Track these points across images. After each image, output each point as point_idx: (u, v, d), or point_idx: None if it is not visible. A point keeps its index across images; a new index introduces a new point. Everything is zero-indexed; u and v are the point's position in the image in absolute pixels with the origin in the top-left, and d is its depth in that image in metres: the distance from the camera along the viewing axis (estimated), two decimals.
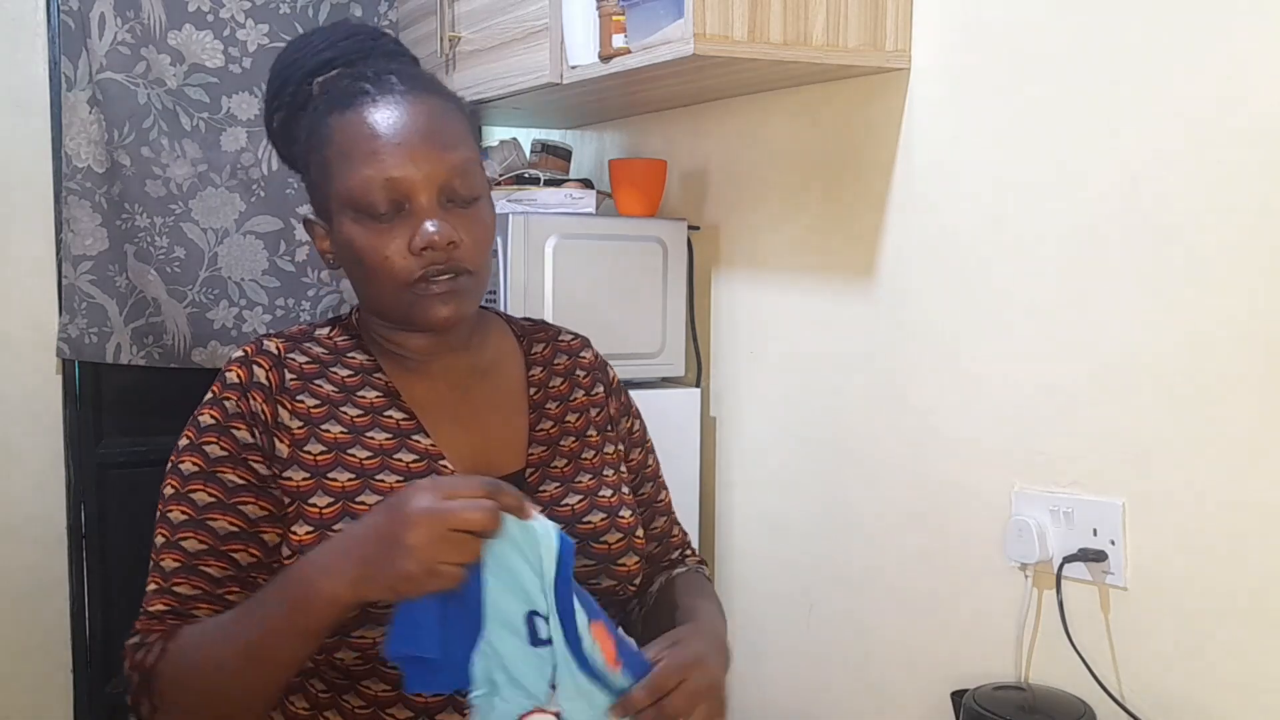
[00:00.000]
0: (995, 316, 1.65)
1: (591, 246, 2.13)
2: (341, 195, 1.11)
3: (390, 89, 1.12)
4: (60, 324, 2.50)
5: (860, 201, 1.88)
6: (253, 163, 2.60)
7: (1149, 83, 1.43)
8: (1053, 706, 1.47)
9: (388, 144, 1.09)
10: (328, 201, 1.14)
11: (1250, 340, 1.33)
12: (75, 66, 2.46)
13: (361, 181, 1.09)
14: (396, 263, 1.10)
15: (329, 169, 1.13)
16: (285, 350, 1.17)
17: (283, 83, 1.21)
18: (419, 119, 1.11)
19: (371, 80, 1.13)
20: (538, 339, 1.31)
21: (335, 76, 1.18)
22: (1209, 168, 1.37)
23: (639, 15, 1.77)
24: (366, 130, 1.10)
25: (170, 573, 1.10)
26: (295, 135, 1.20)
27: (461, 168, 1.11)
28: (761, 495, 2.17)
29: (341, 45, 1.21)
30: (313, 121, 1.16)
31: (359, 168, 1.10)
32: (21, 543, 2.56)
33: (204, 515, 1.10)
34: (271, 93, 1.23)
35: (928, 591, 1.79)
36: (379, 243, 1.10)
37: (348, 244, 1.12)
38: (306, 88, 1.19)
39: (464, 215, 1.12)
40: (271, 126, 1.24)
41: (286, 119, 1.21)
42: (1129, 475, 1.47)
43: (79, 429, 2.62)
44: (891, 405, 1.84)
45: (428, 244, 1.09)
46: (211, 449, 1.11)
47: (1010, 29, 1.61)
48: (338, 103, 1.13)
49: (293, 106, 1.20)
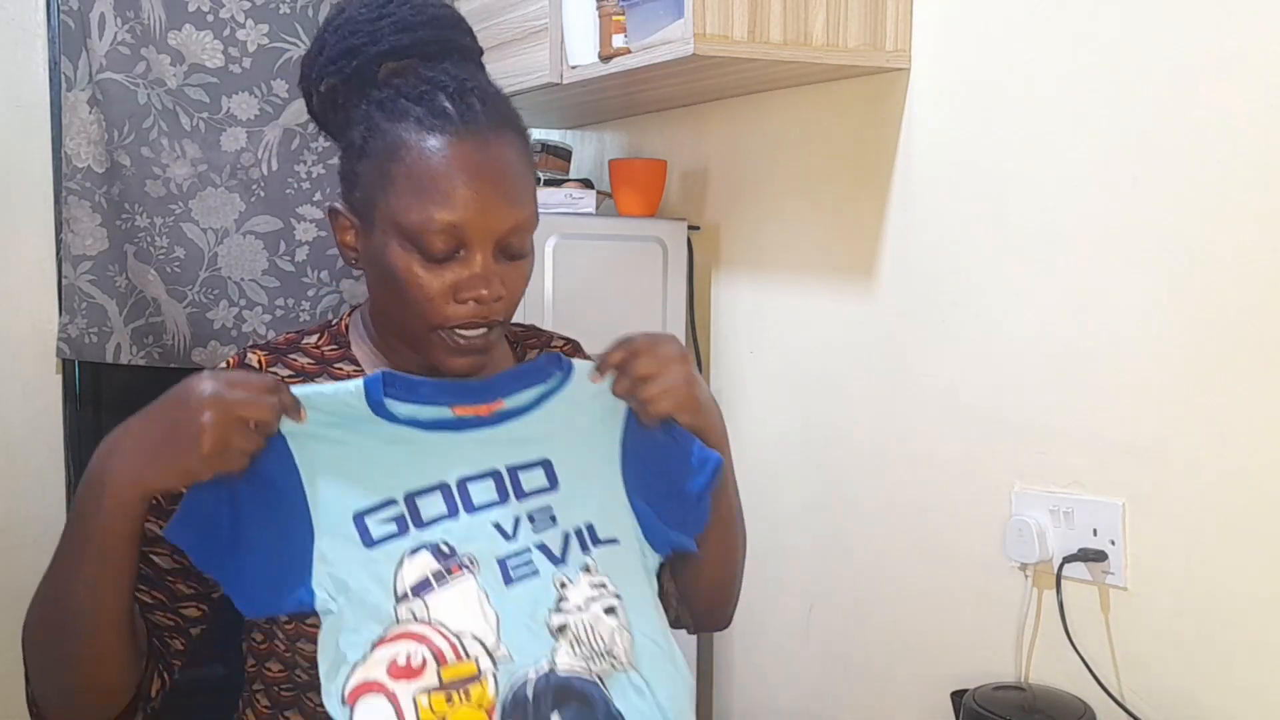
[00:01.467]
0: (995, 316, 1.65)
1: (591, 246, 2.13)
2: (396, 218, 1.05)
3: (475, 122, 1.05)
4: (60, 324, 2.50)
5: (860, 201, 1.88)
6: (253, 163, 2.60)
7: (1149, 82, 1.43)
8: (1053, 706, 1.47)
9: (462, 189, 1.04)
10: (373, 209, 1.08)
11: (1250, 340, 1.33)
12: (75, 66, 2.45)
13: (425, 219, 1.04)
14: (439, 305, 1.06)
15: (388, 183, 1.06)
16: (268, 364, 1.15)
17: (347, 50, 1.12)
18: (495, 165, 1.06)
19: (454, 99, 1.06)
20: (530, 344, 1.30)
21: (408, 70, 1.10)
22: (1210, 167, 1.37)
23: (639, 15, 1.77)
24: (441, 164, 1.04)
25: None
26: (349, 114, 1.12)
27: (524, 224, 1.08)
28: (761, 495, 2.17)
29: (422, 32, 1.12)
30: (379, 117, 1.08)
31: (425, 203, 1.04)
32: (21, 543, 2.56)
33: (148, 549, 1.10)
34: (330, 55, 1.13)
35: (928, 591, 1.79)
36: (425, 280, 1.05)
37: (388, 265, 1.07)
38: (373, 67, 1.11)
39: (510, 268, 1.08)
40: (317, 87, 1.15)
41: (341, 90, 1.13)
42: (1129, 475, 1.47)
43: (79, 429, 2.62)
44: (891, 405, 1.84)
45: (475, 298, 1.05)
46: None
47: (1010, 29, 1.61)
48: (414, 114, 1.06)
49: (353, 81, 1.12)
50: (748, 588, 1.83)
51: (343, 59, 1.12)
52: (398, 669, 0.98)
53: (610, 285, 2.13)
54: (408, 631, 0.99)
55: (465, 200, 1.04)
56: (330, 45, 1.13)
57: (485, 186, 1.04)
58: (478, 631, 1.00)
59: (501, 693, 0.99)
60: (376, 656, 0.98)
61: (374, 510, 1.03)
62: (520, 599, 1.03)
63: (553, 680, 1.01)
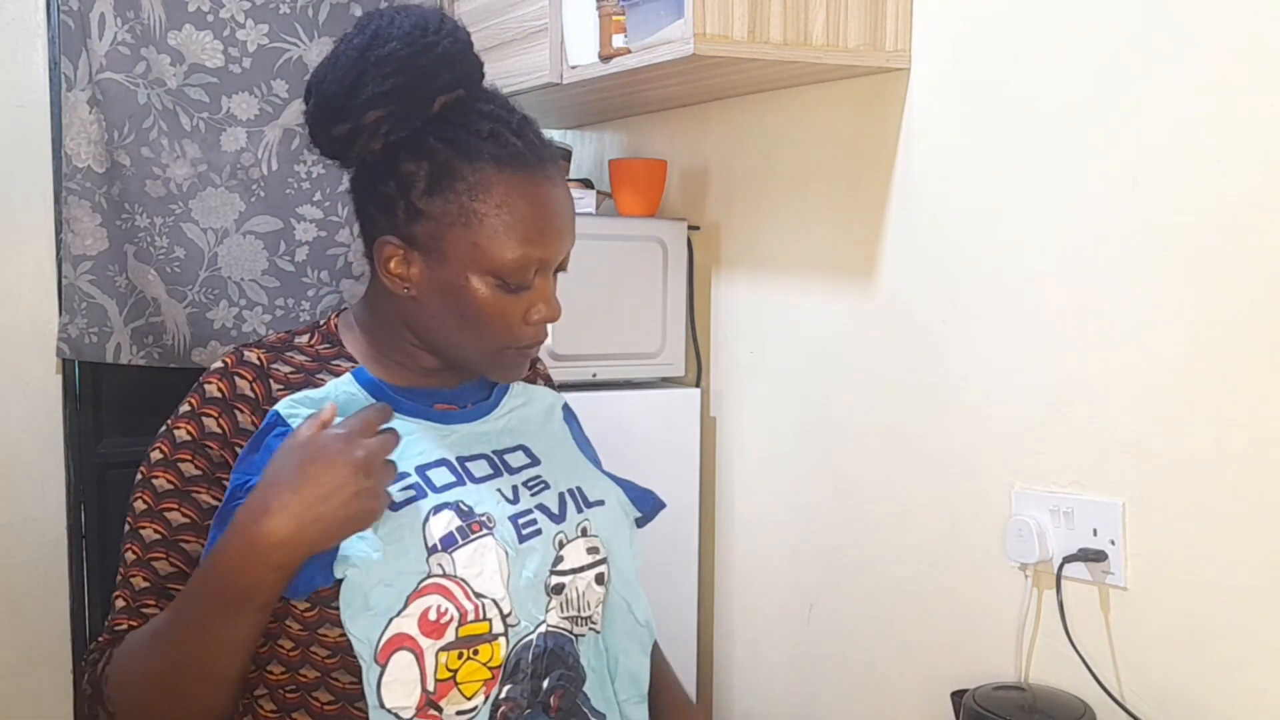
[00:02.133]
0: (995, 316, 1.65)
1: (591, 246, 2.13)
2: (486, 254, 1.11)
3: (546, 159, 1.15)
4: (60, 324, 2.50)
5: (860, 201, 1.88)
6: (253, 163, 2.60)
7: (1148, 82, 1.43)
8: (1053, 706, 1.47)
9: (548, 226, 1.14)
10: (444, 243, 1.11)
11: (1250, 340, 1.33)
12: (75, 66, 2.45)
13: (520, 256, 1.12)
14: (517, 330, 1.15)
15: (473, 220, 1.10)
16: (269, 361, 1.16)
17: (399, 87, 1.09)
18: (565, 199, 1.17)
19: (519, 135, 1.13)
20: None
21: (462, 104, 1.12)
22: (1209, 167, 1.37)
23: (639, 15, 1.77)
24: (531, 206, 1.12)
25: (139, 592, 1.10)
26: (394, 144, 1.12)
27: (570, 249, 1.20)
28: (761, 495, 2.17)
29: (465, 65, 1.14)
30: (445, 154, 1.10)
31: (518, 242, 1.12)
32: (21, 543, 2.56)
33: (176, 536, 1.10)
34: (378, 91, 1.09)
35: (928, 591, 1.79)
36: (507, 309, 1.14)
37: (465, 298, 1.13)
38: (429, 104, 1.11)
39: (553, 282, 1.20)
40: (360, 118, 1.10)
41: (385, 119, 1.11)
42: (1129, 475, 1.47)
43: (79, 429, 2.62)
44: (891, 405, 1.84)
45: (547, 319, 1.17)
46: (185, 467, 1.11)
47: (1010, 29, 1.61)
48: (488, 153, 1.10)
49: (404, 115, 1.11)
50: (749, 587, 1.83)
51: (394, 94, 1.10)
52: (428, 623, 1.04)
53: (610, 285, 2.13)
54: (439, 585, 1.05)
55: (551, 237, 1.14)
56: (375, 80, 1.09)
57: (562, 221, 1.16)
58: (496, 595, 1.06)
59: (506, 654, 1.07)
60: (410, 610, 1.04)
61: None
62: (529, 556, 1.11)
63: (547, 643, 1.11)
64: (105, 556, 2.66)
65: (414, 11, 1.13)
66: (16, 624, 2.58)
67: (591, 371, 2.10)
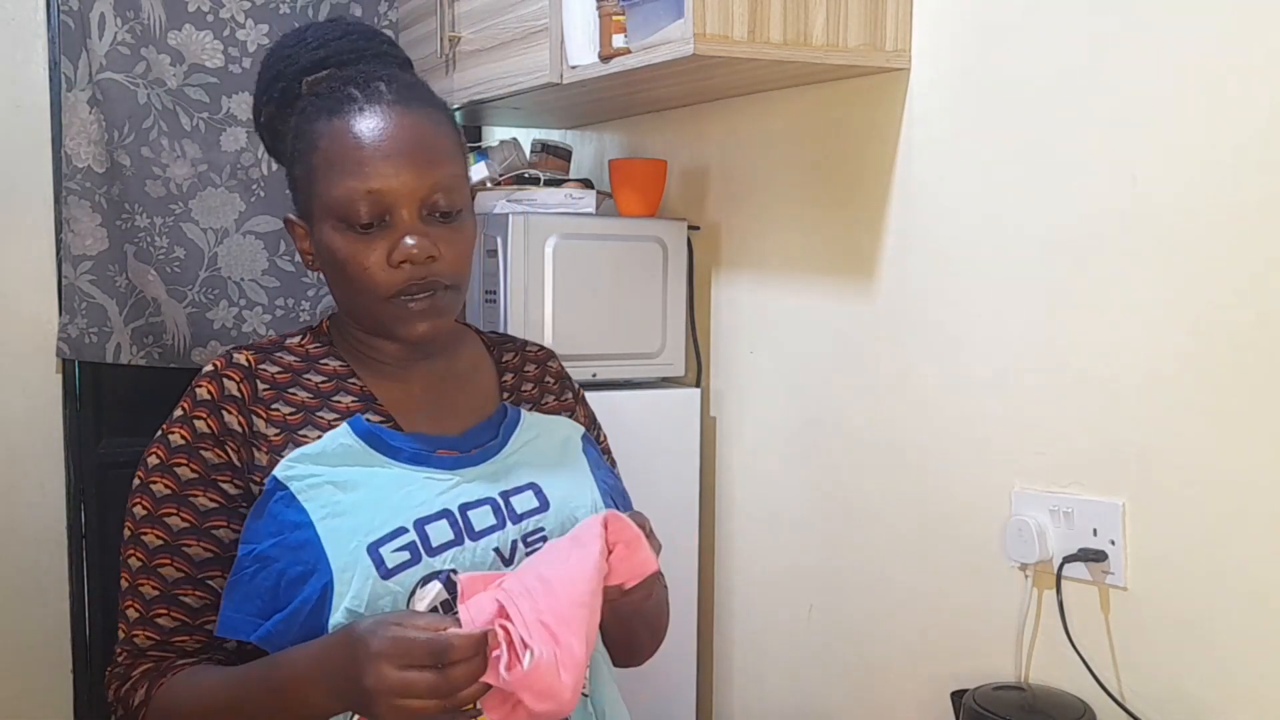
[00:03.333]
0: (995, 316, 1.65)
1: (591, 246, 2.13)
2: (324, 202, 1.12)
3: (379, 98, 1.12)
4: (60, 324, 2.50)
5: (860, 201, 1.88)
6: (253, 163, 2.60)
7: (1148, 81, 1.43)
8: (1053, 706, 1.47)
9: (373, 156, 1.10)
10: (310, 205, 1.15)
11: (1250, 339, 1.33)
12: (75, 66, 2.46)
13: (345, 192, 1.10)
14: (376, 274, 1.11)
15: (313, 174, 1.13)
16: (256, 362, 1.17)
17: (273, 77, 1.21)
18: (405, 131, 1.12)
19: (360, 86, 1.14)
20: (506, 349, 1.34)
21: (325, 78, 1.18)
22: (1208, 167, 1.37)
23: (639, 15, 1.77)
24: (352, 140, 1.11)
25: (150, 601, 1.11)
26: (282, 132, 1.20)
27: (445, 183, 1.12)
28: (761, 495, 2.17)
29: (335, 44, 1.20)
30: (300, 123, 1.16)
31: (343, 178, 1.10)
32: (21, 543, 2.56)
33: (179, 541, 1.11)
34: (261, 87, 1.23)
35: (928, 591, 1.79)
36: (359, 253, 1.11)
37: (329, 250, 1.13)
38: (296, 86, 1.19)
39: (445, 229, 1.13)
40: (259, 120, 1.25)
41: (274, 114, 1.22)
42: (1129, 475, 1.47)
43: (79, 429, 2.62)
44: (891, 405, 1.84)
45: (406, 258, 1.10)
46: (182, 471, 1.12)
47: (1010, 29, 1.61)
48: (325, 108, 1.14)
49: (281, 103, 1.20)
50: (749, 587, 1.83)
51: (270, 86, 1.22)
52: None
53: (610, 285, 2.13)
54: None
55: (378, 166, 1.10)
56: (262, 79, 1.23)
57: (395, 151, 1.10)
58: None
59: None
60: None
61: (387, 539, 1.07)
62: None
63: None
64: (105, 556, 2.66)
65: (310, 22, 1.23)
66: (16, 623, 2.58)
67: (591, 371, 2.10)
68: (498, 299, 2.07)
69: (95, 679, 2.66)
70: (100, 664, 2.66)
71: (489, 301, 2.10)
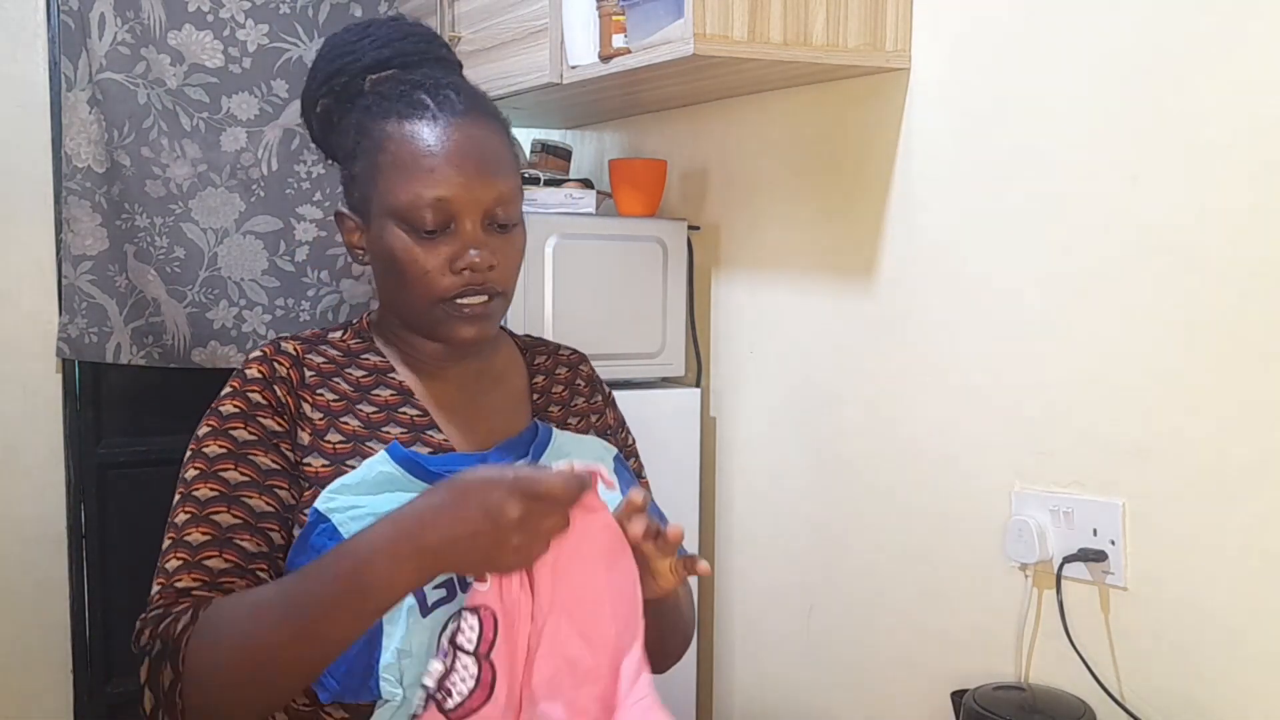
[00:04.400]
0: (995, 316, 1.65)
1: (591, 246, 2.13)
2: (389, 203, 1.13)
3: (450, 107, 1.14)
4: (60, 324, 2.50)
5: (860, 201, 1.88)
6: (253, 163, 2.60)
7: (1148, 82, 1.43)
8: (1053, 706, 1.47)
9: (444, 164, 1.12)
10: (369, 203, 1.16)
11: (1250, 340, 1.33)
12: (75, 66, 2.45)
13: (413, 197, 1.12)
14: (435, 278, 1.13)
15: (378, 173, 1.15)
16: (303, 351, 1.20)
17: (335, 71, 1.22)
18: (474, 143, 1.14)
19: (430, 92, 1.15)
20: (539, 351, 1.36)
21: (390, 78, 1.19)
22: (1208, 168, 1.37)
23: (639, 15, 1.77)
24: (424, 147, 1.12)
25: (198, 546, 1.06)
26: (341, 127, 1.21)
27: (507, 195, 1.15)
28: (761, 495, 2.17)
29: (399, 45, 1.22)
30: (364, 120, 1.17)
31: (412, 183, 1.12)
32: (21, 543, 2.56)
33: (237, 492, 1.08)
34: (320, 78, 1.23)
35: (928, 591, 1.79)
36: (420, 256, 1.13)
37: (387, 250, 1.15)
38: (359, 82, 1.20)
39: (501, 239, 1.16)
40: (314, 110, 1.25)
41: (331, 106, 1.23)
42: (1129, 475, 1.47)
43: (79, 429, 2.62)
44: (891, 405, 1.84)
45: (469, 265, 1.13)
46: (239, 434, 1.12)
47: (1010, 29, 1.61)
48: (394, 109, 1.15)
49: (341, 97, 1.21)
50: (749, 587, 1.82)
51: (332, 79, 1.22)
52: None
53: (610, 285, 2.13)
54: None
55: (448, 175, 1.12)
56: (319, 70, 1.23)
57: (465, 161, 1.13)
58: None
59: None
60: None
61: None
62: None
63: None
64: (105, 556, 2.66)
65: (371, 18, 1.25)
66: (16, 623, 2.58)
67: None
68: None
69: (95, 679, 2.66)
70: (100, 664, 2.66)
71: None
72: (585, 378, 1.37)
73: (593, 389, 1.37)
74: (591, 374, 1.39)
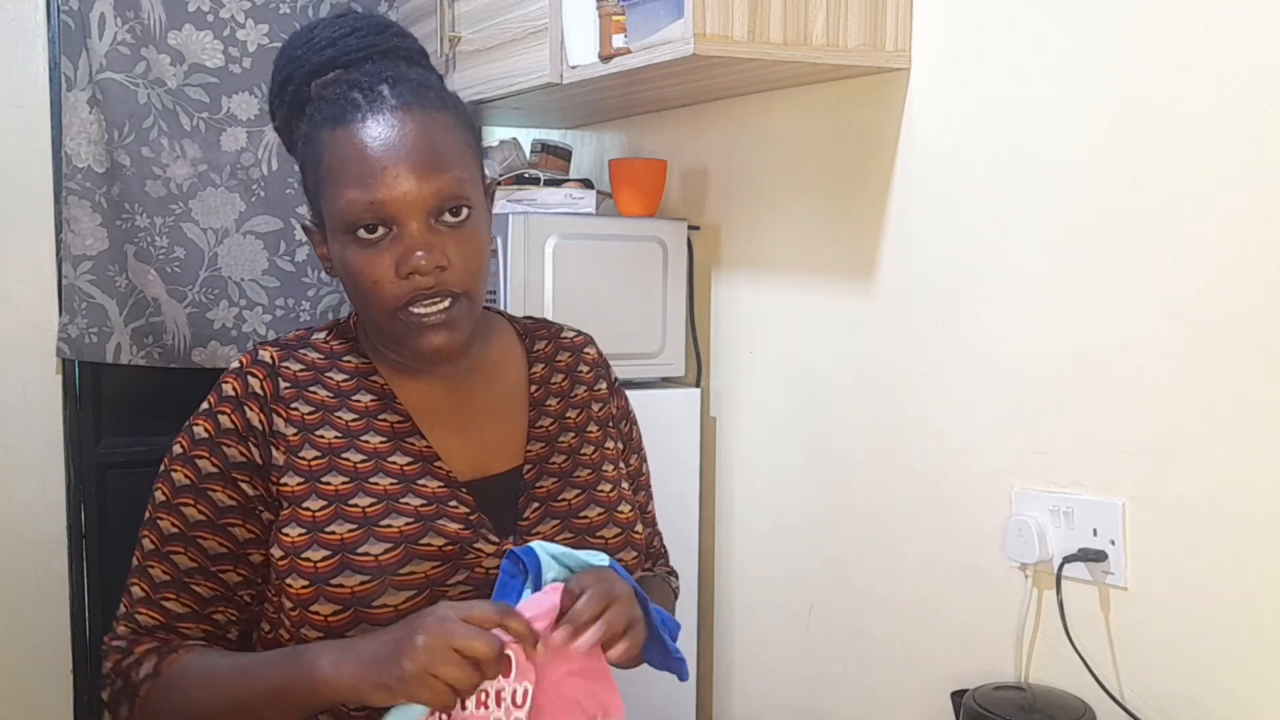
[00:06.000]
0: (995, 316, 1.65)
1: (591, 246, 2.13)
2: (332, 214, 1.10)
3: (381, 103, 1.09)
4: (60, 324, 2.50)
5: (860, 201, 1.88)
6: (253, 163, 2.60)
7: (1147, 82, 1.43)
8: (1053, 706, 1.47)
9: (374, 166, 1.07)
10: (322, 215, 1.13)
11: (1250, 340, 1.33)
12: (75, 66, 2.46)
13: (348, 204, 1.07)
14: (385, 287, 1.08)
15: (320, 185, 1.11)
16: (279, 359, 1.17)
17: (284, 81, 1.18)
18: (407, 137, 1.08)
19: (364, 90, 1.10)
20: (540, 336, 1.31)
21: (333, 80, 1.15)
22: (1208, 167, 1.37)
23: (639, 15, 1.77)
24: (354, 150, 1.08)
25: (159, 585, 1.12)
26: (294, 137, 1.19)
27: (451, 189, 1.09)
28: (761, 495, 2.17)
29: (343, 43, 1.17)
30: (309, 129, 1.13)
31: (346, 190, 1.07)
32: (21, 543, 2.56)
33: (194, 532, 1.11)
34: (273, 89, 1.20)
35: (928, 592, 1.79)
36: (368, 265, 1.08)
37: (341, 262, 1.12)
38: (305, 89, 1.16)
39: (454, 235, 1.09)
40: (274, 121, 1.23)
41: (287, 117, 1.20)
42: (1129, 475, 1.47)
43: (79, 429, 2.62)
44: (891, 405, 1.84)
45: (414, 269, 1.07)
46: (203, 464, 1.12)
47: (1010, 29, 1.61)
48: (330, 115, 1.11)
49: (293, 106, 1.18)
50: (748, 587, 1.82)
51: (282, 89, 1.19)
52: None
53: (610, 285, 2.13)
54: None
55: (379, 177, 1.07)
56: (275, 79, 1.20)
57: (397, 160, 1.07)
58: None
59: None
60: None
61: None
62: None
63: None
64: (105, 556, 2.66)
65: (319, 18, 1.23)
66: (16, 623, 2.58)
67: None
68: (498, 299, 2.07)
69: (95, 679, 2.66)
70: (100, 664, 2.66)
71: (489, 301, 2.10)
72: (589, 362, 1.31)
73: (596, 375, 1.31)
74: (597, 358, 1.33)
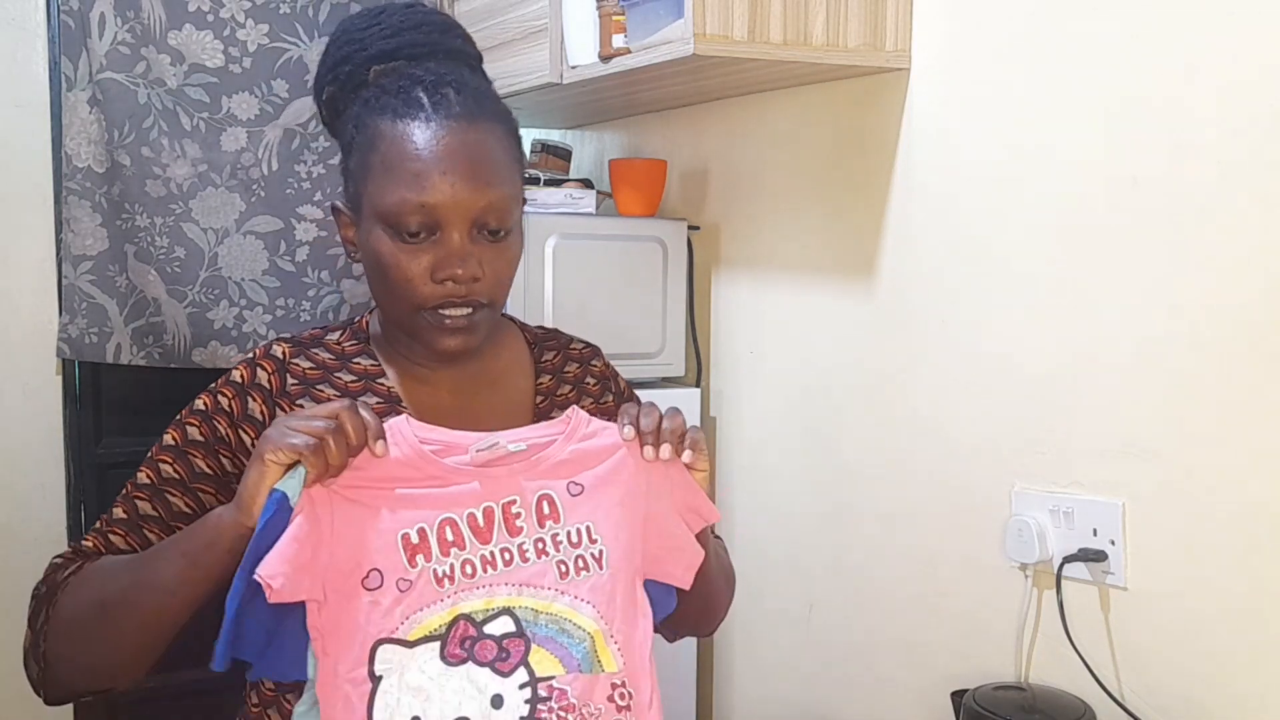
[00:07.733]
0: (995, 316, 1.65)
1: (591, 246, 2.13)
2: (376, 204, 1.11)
3: (446, 108, 1.11)
4: (60, 324, 2.50)
5: (860, 201, 1.88)
6: (253, 163, 2.60)
7: (1147, 81, 1.43)
8: (1053, 706, 1.47)
9: (431, 169, 1.08)
10: (361, 200, 1.14)
11: (1250, 340, 1.33)
12: (75, 66, 2.45)
13: (398, 201, 1.09)
14: (418, 285, 1.10)
15: (369, 173, 1.12)
16: (291, 355, 1.19)
17: (342, 59, 1.19)
18: (467, 148, 1.10)
19: (429, 90, 1.11)
20: (549, 347, 1.32)
21: (393, 71, 1.15)
22: (1208, 167, 1.37)
23: (639, 15, 1.77)
24: (413, 150, 1.09)
25: (114, 520, 1.15)
26: (343, 117, 1.19)
27: (499, 204, 1.11)
28: (761, 495, 2.17)
29: (408, 35, 1.18)
30: (363, 114, 1.14)
31: (398, 186, 1.09)
32: (21, 543, 2.56)
33: (164, 487, 1.14)
34: (328, 64, 1.21)
35: (928, 591, 1.79)
36: (404, 261, 1.10)
37: (373, 251, 1.12)
38: (363, 72, 1.17)
39: (491, 248, 1.12)
40: (321, 96, 1.23)
41: (336, 95, 1.20)
42: (1129, 475, 1.47)
43: (79, 429, 2.62)
44: (891, 405, 1.84)
45: (451, 277, 1.10)
46: (191, 431, 1.15)
47: (1010, 29, 1.61)
48: (390, 107, 1.11)
49: (346, 85, 1.19)
50: (748, 588, 1.82)
51: (338, 67, 1.20)
52: None
53: (610, 285, 2.13)
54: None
55: (434, 181, 1.08)
56: (329, 56, 1.21)
57: (454, 168, 1.09)
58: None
59: None
60: None
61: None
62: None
63: None
64: None
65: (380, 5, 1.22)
66: (16, 623, 2.57)
67: None
68: None
69: None
70: None
71: None
72: (596, 375, 1.33)
73: (603, 388, 1.32)
74: (604, 370, 1.35)
